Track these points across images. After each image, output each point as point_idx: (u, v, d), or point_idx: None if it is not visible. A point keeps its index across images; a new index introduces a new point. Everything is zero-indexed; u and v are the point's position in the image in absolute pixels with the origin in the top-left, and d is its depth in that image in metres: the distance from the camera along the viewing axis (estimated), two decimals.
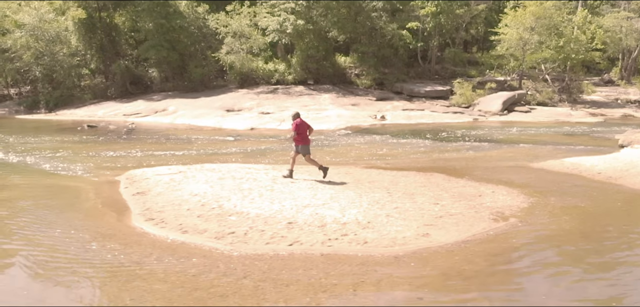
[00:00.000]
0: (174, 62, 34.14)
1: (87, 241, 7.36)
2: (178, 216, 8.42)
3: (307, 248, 6.96)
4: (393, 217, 8.16)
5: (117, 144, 19.03)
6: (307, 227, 7.64)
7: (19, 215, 8.82)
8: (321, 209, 8.52)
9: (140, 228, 8.04)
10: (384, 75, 35.62)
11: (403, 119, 26.90)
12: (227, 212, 8.48)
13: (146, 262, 6.56)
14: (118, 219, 8.52)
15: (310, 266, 6.41)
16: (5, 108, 35.16)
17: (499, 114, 28.71)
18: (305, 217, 8.07)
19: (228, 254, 6.86)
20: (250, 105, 30.03)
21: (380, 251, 6.86)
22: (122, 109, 30.23)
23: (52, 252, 6.92)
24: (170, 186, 10.33)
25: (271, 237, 7.31)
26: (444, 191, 10.27)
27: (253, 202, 8.99)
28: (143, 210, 8.92)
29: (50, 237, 7.53)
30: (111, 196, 10.13)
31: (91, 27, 34.76)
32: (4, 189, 11.04)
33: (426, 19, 34.86)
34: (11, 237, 7.59)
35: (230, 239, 7.32)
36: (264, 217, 8.16)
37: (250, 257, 6.71)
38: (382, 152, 17.01)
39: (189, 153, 16.66)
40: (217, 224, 7.92)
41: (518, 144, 18.53)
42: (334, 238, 7.24)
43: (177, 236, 7.63)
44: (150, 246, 7.21)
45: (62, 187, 11.23)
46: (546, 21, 32.68)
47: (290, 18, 32.79)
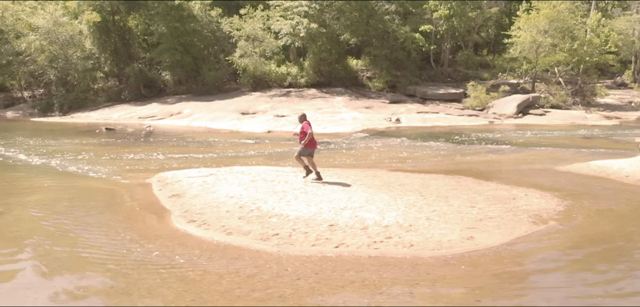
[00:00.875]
0: (188, 65, 34.31)
1: (135, 243, 7.40)
2: (219, 217, 8.46)
3: (354, 250, 6.98)
4: (433, 220, 8.17)
5: (138, 147, 19.13)
6: (349, 230, 7.66)
7: (58, 217, 8.88)
8: (359, 211, 8.53)
9: (183, 230, 8.09)
10: (396, 78, 35.67)
11: (418, 122, 26.89)
12: (266, 214, 8.51)
13: (198, 263, 6.60)
14: (159, 221, 8.57)
15: (361, 268, 6.43)
16: (19, 111, 35.44)
17: (513, 117, 28.66)
18: (346, 220, 8.09)
19: (276, 255, 6.89)
20: (265, 108, 30.11)
21: (428, 254, 6.87)
22: (137, 112, 30.39)
23: (102, 254, 6.96)
24: (205, 188, 10.38)
25: (316, 239, 7.34)
26: (477, 194, 10.27)
27: (290, 205, 9.02)
28: (182, 212, 8.97)
29: (96, 240, 7.58)
30: (147, 198, 10.19)
31: (105, 31, 35.01)
32: (36, 191, 11.12)
33: (439, 22, 34.87)
34: (57, 239, 7.63)
35: (276, 241, 7.35)
36: (304, 219, 8.18)
37: (299, 259, 6.74)
38: (402, 155, 17.02)
39: (211, 156, 16.72)
40: (260, 226, 7.96)
41: (538, 147, 18.48)
42: (379, 241, 7.26)
43: (222, 237, 7.67)
44: (197, 247, 7.26)
45: (94, 189, 11.30)
46: (560, 24, 32.63)
47: (304, 22, 32.89)
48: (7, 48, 35.45)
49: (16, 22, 36.04)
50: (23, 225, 8.46)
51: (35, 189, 11.30)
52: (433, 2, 34.79)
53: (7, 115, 34.39)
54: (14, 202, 9.98)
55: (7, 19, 35.50)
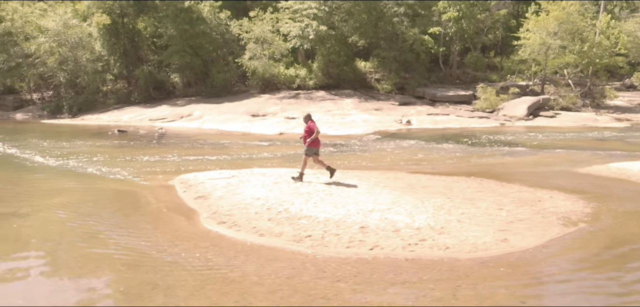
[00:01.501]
0: (197, 67, 34.38)
1: (168, 244, 7.40)
2: (249, 219, 8.45)
3: (390, 253, 6.96)
4: (464, 223, 8.15)
5: (152, 149, 19.14)
6: (381, 232, 7.64)
7: (86, 219, 8.88)
8: (388, 214, 8.51)
9: (215, 231, 8.09)
10: (404, 80, 35.68)
11: (429, 124, 26.86)
12: (295, 216, 8.50)
13: (235, 265, 6.60)
14: (189, 223, 8.57)
15: (399, 270, 6.41)
16: (28, 113, 35.56)
17: (524, 119, 28.61)
18: (376, 222, 8.07)
19: (312, 257, 6.88)
20: (275, 110, 30.13)
21: (465, 256, 6.85)
22: (148, 114, 30.45)
23: (137, 256, 6.96)
24: (229, 190, 10.38)
25: (350, 241, 7.32)
26: (502, 197, 10.24)
27: (317, 207, 9.01)
28: (211, 213, 8.97)
29: (129, 242, 7.58)
30: (172, 200, 10.19)
31: (115, 33, 35.10)
32: (59, 193, 11.13)
33: (448, 24, 34.85)
34: (89, 241, 7.64)
35: (309, 243, 7.34)
36: (334, 221, 8.17)
37: (335, 260, 6.73)
38: (418, 157, 16.99)
39: (225, 158, 16.70)
40: (291, 228, 7.95)
41: (553, 150, 18.44)
42: (413, 243, 7.24)
43: (254, 238, 7.67)
44: (232, 248, 7.25)
45: (117, 191, 11.31)
46: (569, 26, 32.55)
47: (313, 24, 32.91)
48: (17, 50, 35.61)
49: (25, 25, 36.14)
50: (51, 227, 8.46)
51: (58, 191, 11.31)
52: (442, 4, 34.76)
53: (17, 117, 34.52)
54: (39, 204, 9.99)
55: (16, 21, 35.63)
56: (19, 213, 9.26)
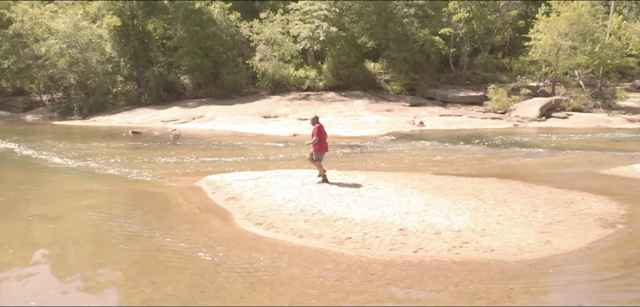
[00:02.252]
0: (207, 69, 34.38)
1: (208, 246, 7.36)
2: (285, 220, 8.41)
3: (435, 255, 6.90)
4: (504, 225, 8.09)
5: (168, 150, 19.11)
6: (422, 235, 7.58)
7: (120, 221, 8.84)
8: (425, 216, 8.45)
9: (252, 232, 8.04)
10: (414, 81, 35.63)
11: (442, 125, 26.79)
12: (330, 218, 8.45)
13: (281, 267, 6.55)
14: (225, 224, 8.52)
15: (448, 272, 6.35)
16: (38, 114, 35.59)
17: (537, 120, 28.53)
18: (414, 224, 8.01)
19: (357, 259, 6.82)
20: (286, 111, 30.10)
21: (512, 258, 6.79)
22: (159, 116, 30.44)
23: (180, 259, 6.91)
24: (258, 191, 10.34)
25: (392, 244, 7.26)
26: (533, 198, 10.17)
27: (351, 208, 8.95)
28: (245, 215, 8.93)
29: (168, 244, 7.53)
30: (202, 201, 10.15)
31: (125, 34, 35.10)
32: (87, 194, 11.09)
33: (458, 25, 34.78)
34: (130, 244, 7.59)
35: (351, 245, 7.29)
36: (371, 223, 8.11)
37: (381, 263, 6.67)
38: (437, 159, 16.91)
39: (242, 160, 16.65)
40: (329, 229, 7.90)
41: (572, 151, 18.36)
42: (457, 245, 7.17)
43: (294, 239, 7.62)
44: (273, 250, 7.21)
45: (145, 192, 11.27)
46: (580, 27, 32.44)
47: (323, 25, 32.87)
48: (27, 52, 35.68)
49: (34, 26, 36.18)
50: (87, 229, 8.42)
51: (85, 193, 11.27)
52: (452, 5, 34.70)
53: (27, 118, 34.54)
54: (69, 206, 9.96)
55: (25, 23, 35.69)
56: (51, 215, 9.23)
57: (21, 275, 6.43)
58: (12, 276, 6.37)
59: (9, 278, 6.31)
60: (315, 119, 11.18)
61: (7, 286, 6.06)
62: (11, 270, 6.54)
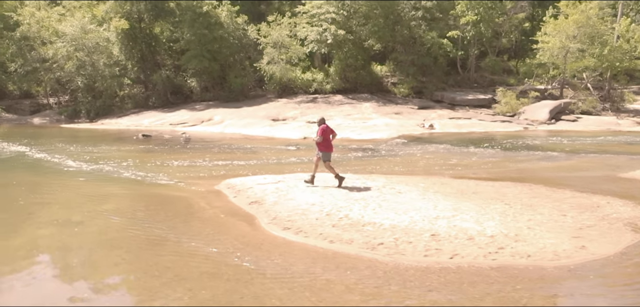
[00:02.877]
0: (215, 72, 34.34)
1: (240, 251, 7.28)
2: (313, 225, 8.32)
3: (472, 261, 6.81)
4: (535, 230, 7.99)
5: (181, 154, 19.03)
6: (455, 240, 7.49)
7: (146, 226, 8.74)
8: (455, 220, 8.36)
9: (281, 237, 7.96)
10: (422, 83, 35.55)
11: (452, 127, 26.70)
12: (358, 223, 8.37)
13: (316, 273, 6.46)
14: (252, 229, 8.44)
15: (489, 279, 6.26)
16: (46, 117, 35.56)
17: (546, 123, 28.43)
18: (445, 229, 7.92)
19: (392, 265, 6.73)
20: (294, 114, 30.05)
21: (549, 264, 6.69)
22: (167, 119, 30.39)
23: (213, 264, 6.83)
24: (280, 195, 10.27)
25: (426, 250, 7.17)
26: (558, 202, 10.07)
27: (377, 213, 8.86)
28: (271, 219, 8.86)
29: (198, 249, 7.45)
30: (225, 206, 10.07)
31: (132, 37, 35.06)
32: (108, 198, 11.02)
33: (466, 28, 34.72)
34: (159, 249, 7.50)
35: (384, 251, 7.20)
36: (401, 228, 8.02)
37: (417, 269, 6.58)
38: (452, 162, 16.80)
39: (256, 163, 16.58)
40: (359, 235, 7.81)
41: (587, 154, 18.26)
42: (492, 251, 7.08)
43: (324, 244, 7.54)
44: (306, 255, 7.13)
45: (166, 196, 11.18)
46: (589, 30, 32.35)
47: (331, 28, 32.82)
48: (33, 55, 35.66)
49: (41, 29, 36.15)
50: (113, 234, 8.34)
51: (105, 196, 11.20)
52: (460, 8, 34.66)
53: (35, 121, 34.50)
54: (91, 211, 9.88)
55: (32, 26, 35.67)
56: (74, 220, 9.16)
57: (55, 280, 6.35)
58: (46, 281, 6.29)
59: (44, 282, 6.23)
60: (321, 120, 11.23)
61: (42, 290, 5.98)
62: (45, 275, 6.46)
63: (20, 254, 7.28)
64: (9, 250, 7.46)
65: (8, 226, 8.84)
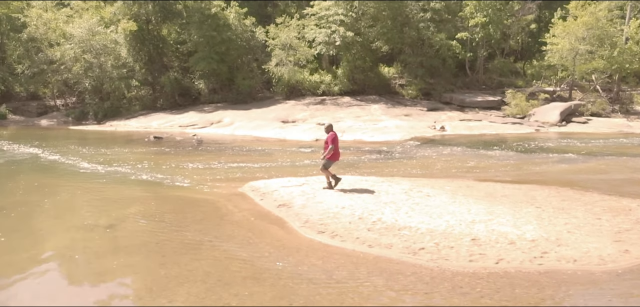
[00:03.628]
0: (223, 74, 34.23)
1: (279, 255, 7.17)
2: (347, 229, 8.22)
3: (518, 266, 6.69)
4: (575, 234, 7.88)
5: (194, 156, 18.93)
6: (497, 245, 7.38)
7: (176, 229, 8.64)
8: (492, 224, 8.25)
9: (317, 241, 7.86)
10: (430, 85, 35.43)
11: (464, 129, 26.58)
12: (394, 227, 8.25)
13: (361, 278, 6.36)
14: (286, 232, 8.34)
15: (539, 285, 6.14)
16: (53, 119, 35.46)
17: (557, 125, 28.31)
18: (485, 234, 7.81)
19: (438, 270, 6.62)
20: (304, 116, 29.93)
21: (596, 269, 6.59)
22: (177, 121, 30.28)
23: (253, 269, 6.72)
24: (308, 198, 10.16)
25: (469, 255, 7.06)
26: (589, 205, 9.97)
27: (411, 217, 8.75)
28: (303, 222, 8.75)
29: (236, 252, 7.35)
30: (253, 208, 9.97)
31: (140, 39, 34.97)
32: (132, 201, 10.91)
33: (475, 29, 34.63)
34: (196, 253, 7.39)
35: (427, 256, 7.09)
36: (439, 232, 7.91)
37: (466, 275, 6.47)
38: (470, 165, 16.68)
39: (271, 165, 16.45)
40: (397, 239, 7.70)
41: (603, 156, 18.12)
42: (537, 256, 6.97)
43: (364, 249, 7.43)
44: (346, 260, 7.02)
45: (190, 199, 11.07)
46: (598, 31, 32.25)
47: (340, 30, 32.72)
48: (41, 56, 35.57)
49: (48, 31, 36.08)
50: (145, 238, 8.22)
51: (130, 200, 11.09)
52: (469, 9, 34.57)
53: (42, 123, 34.41)
54: (119, 214, 9.76)
55: (39, 27, 35.60)
56: (103, 224, 9.04)
57: (96, 287, 6.24)
58: (87, 287, 6.18)
59: (85, 288, 6.13)
60: (329, 127, 11.05)
61: (86, 298, 5.87)
62: (84, 281, 6.35)
63: (55, 259, 7.16)
64: (43, 254, 7.35)
65: (38, 229, 8.73)
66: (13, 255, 7.38)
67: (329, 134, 10.82)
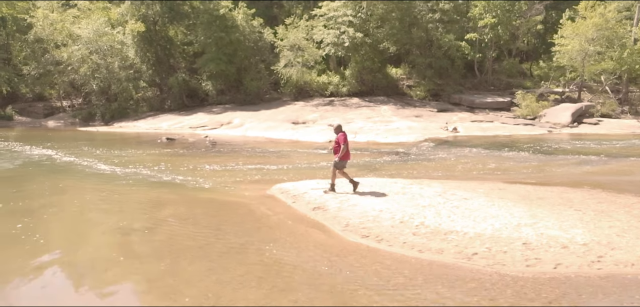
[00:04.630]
0: (232, 75, 34.06)
1: (329, 260, 7.01)
2: (391, 233, 8.06)
3: (577, 271, 6.54)
4: (625, 237, 7.74)
5: (210, 158, 18.77)
6: (550, 249, 7.22)
7: (215, 233, 8.44)
8: (539, 228, 8.10)
9: (364, 245, 7.70)
10: (439, 86, 35.33)
11: (477, 131, 26.45)
12: (439, 231, 8.10)
13: (420, 284, 6.19)
14: (328, 236, 8.17)
15: (605, 290, 5.99)
16: (60, 120, 35.25)
17: (569, 126, 28.24)
18: (534, 237, 7.65)
19: (498, 276, 6.46)
20: (314, 117, 29.78)
21: None
22: (186, 122, 30.09)
23: (308, 275, 6.55)
24: (342, 200, 10.02)
25: (525, 259, 6.91)
26: (628, 208, 9.84)
27: (453, 220, 8.60)
28: (344, 226, 8.59)
29: (285, 257, 7.18)
30: (287, 211, 9.80)
31: (148, 40, 34.77)
32: (163, 204, 10.72)
33: (484, 30, 34.54)
34: (242, 258, 7.22)
35: (482, 261, 6.93)
36: (487, 236, 7.76)
37: (527, 280, 6.31)
38: (491, 167, 16.53)
39: (289, 167, 16.25)
40: (447, 244, 7.55)
41: (625, 158, 18.02)
42: (593, 260, 6.82)
43: (414, 254, 7.27)
44: (399, 265, 6.85)
45: (221, 202, 10.89)
46: (607, 33, 32.19)
47: (349, 31, 32.58)
48: (47, 57, 35.34)
49: (54, 32, 35.84)
50: (185, 242, 8.03)
51: (159, 202, 10.91)
52: (478, 10, 34.48)
53: (49, 124, 34.20)
54: (151, 217, 9.59)
55: (45, 28, 35.37)
56: (137, 227, 8.87)
57: (148, 292, 6.06)
58: (140, 294, 6.00)
59: (138, 295, 5.95)
60: (338, 127, 10.87)
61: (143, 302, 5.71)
62: (134, 289, 6.18)
63: (99, 263, 6.98)
64: (85, 258, 7.17)
65: (74, 232, 8.56)
66: (56, 256, 7.22)
67: (339, 134, 10.64)
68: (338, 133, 10.72)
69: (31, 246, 7.65)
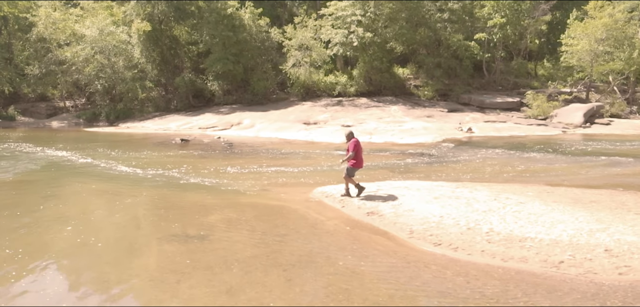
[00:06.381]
0: (239, 75, 33.63)
1: (411, 270, 6.69)
2: (466, 240, 7.76)
3: None
4: None
5: (230, 159, 18.42)
6: (634, 256, 6.94)
7: (276, 241, 8.08)
8: (612, 233, 7.83)
9: (440, 254, 7.40)
10: (447, 86, 35.17)
11: (491, 131, 26.29)
12: (512, 237, 7.82)
13: (519, 297, 5.89)
14: (395, 244, 7.85)
15: None
16: (64, 121, 34.62)
17: (581, 127, 28.19)
18: (613, 244, 7.37)
19: (595, 286, 6.16)
20: (325, 117, 29.46)
21: None
22: (195, 122, 29.62)
23: (395, 288, 6.22)
24: (394, 205, 9.74)
25: (614, 267, 6.64)
26: None
27: (522, 226, 8.30)
28: (408, 233, 8.29)
29: (359, 266, 6.85)
30: (340, 217, 9.48)
31: (154, 40, 34.22)
32: (208, 210, 10.28)
33: (493, 30, 34.43)
34: (317, 269, 6.87)
35: (573, 270, 6.64)
36: (565, 243, 7.48)
37: (628, 289, 6.05)
38: (519, 168, 16.29)
39: (312, 169, 15.90)
40: (527, 251, 7.26)
41: None
42: None
43: (498, 263, 6.99)
44: (486, 275, 6.55)
45: (267, 207, 10.51)
46: (617, 33, 32.23)
47: (358, 31, 32.29)
48: (50, 57, 34.66)
49: (57, 31, 35.16)
50: (249, 251, 7.62)
51: (203, 207, 10.48)
52: (487, 10, 34.37)
53: (53, 125, 33.54)
54: (202, 224, 9.17)
55: (48, 27, 34.68)
56: (191, 234, 8.47)
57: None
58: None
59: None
60: (350, 134, 10.73)
61: None
62: (219, 300, 5.81)
63: (169, 277, 6.59)
64: (151, 271, 6.78)
65: (128, 241, 8.16)
66: (120, 269, 6.83)
67: (351, 141, 10.47)
68: (350, 140, 10.55)
69: (89, 256, 7.24)
